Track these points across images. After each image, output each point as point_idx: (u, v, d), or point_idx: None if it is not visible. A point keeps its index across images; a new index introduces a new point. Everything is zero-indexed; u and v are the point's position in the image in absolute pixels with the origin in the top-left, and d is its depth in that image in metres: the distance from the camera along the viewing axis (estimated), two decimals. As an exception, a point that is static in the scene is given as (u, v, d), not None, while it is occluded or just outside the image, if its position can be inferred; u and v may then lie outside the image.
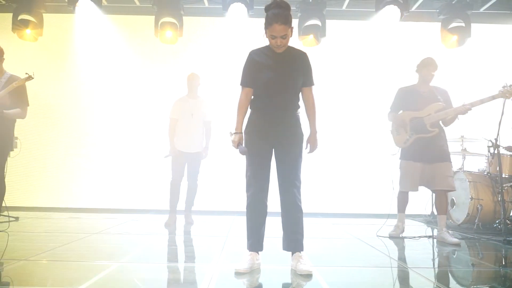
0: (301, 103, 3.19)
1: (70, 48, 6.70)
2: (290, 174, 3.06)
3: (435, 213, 5.81)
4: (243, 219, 3.15)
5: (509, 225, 4.81)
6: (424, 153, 4.35)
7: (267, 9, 3.00)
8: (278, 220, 3.13)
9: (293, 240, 3.07)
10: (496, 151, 4.65)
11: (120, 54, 6.72)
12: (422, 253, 3.98)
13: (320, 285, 2.73)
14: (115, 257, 3.49)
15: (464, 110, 4.19)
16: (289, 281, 2.84)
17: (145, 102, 6.71)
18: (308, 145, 3.17)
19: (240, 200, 6.34)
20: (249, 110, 3.17)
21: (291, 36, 3.03)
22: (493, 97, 4.16)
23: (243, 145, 3.06)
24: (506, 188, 4.97)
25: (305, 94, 3.17)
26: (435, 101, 4.35)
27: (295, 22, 6.20)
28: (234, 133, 3.08)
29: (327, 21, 6.16)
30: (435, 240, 4.49)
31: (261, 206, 3.09)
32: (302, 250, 3.06)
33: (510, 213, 5.09)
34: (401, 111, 4.56)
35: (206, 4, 6.59)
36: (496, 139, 4.61)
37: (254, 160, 3.07)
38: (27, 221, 5.37)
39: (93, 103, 6.77)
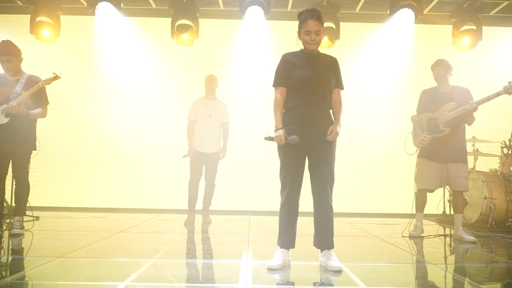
0: None
1: (89, 50, 6.81)
2: (325, 173, 3.13)
3: (446, 212, 5.99)
4: (260, 218, 3.23)
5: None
6: (438, 152, 4.45)
7: (299, 15, 3.16)
8: (305, 219, 3.20)
9: (324, 238, 3.16)
10: (509, 152, 4.78)
11: (138, 56, 6.84)
12: (442, 250, 4.11)
13: (352, 280, 2.83)
14: (147, 254, 3.59)
15: (471, 108, 4.27)
16: (320, 276, 2.95)
17: (163, 103, 6.81)
18: (331, 130, 3.14)
19: (255, 199, 6.55)
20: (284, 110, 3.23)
21: (322, 38, 3.15)
22: (498, 94, 4.25)
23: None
24: (519, 187, 5.09)
25: (335, 95, 3.25)
26: (450, 101, 4.44)
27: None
28: (277, 129, 3.12)
29: (341, 23, 6.26)
30: (452, 238, 4.60)
31: (294, 206, 3.18)
32: (333, 247, 3.15)
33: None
34: (423, 113, 4.64)
35: (222, 7, 6.69)
36: (510, 140, 4.74)
37: (289, 160, 3.14)
38: (48, 221, 5.47)
39: (113, 104, 6.87)
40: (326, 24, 6.21)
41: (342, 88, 3.29)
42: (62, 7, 6.34)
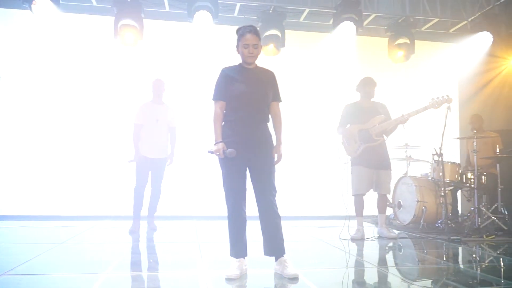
0: None
1: (25, 48, 6.38)
2: (266, 184, 3.23)
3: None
4: (205, 223, 3.26)
5: (450, 225, 5.39)
6: (370, 160, 4.89)
7: (237, 30, 3.29)
8: (254, 224, 3.27)
9: (276, 245, 3.24)
10: (440, 159, 5.22)
11: (81, 56, 6.53)
12: (385, 253, 4.39)
13: (309, 286, 2.95)
14: (98, 267, 3.46)
15: (403, 120, 4.77)
16: (278, 284, 3.02)
17: (107, 106, 6.56)
18: (275, 154, 3.33)
19: (199, 204, 6.51)
20: (223, 123, 3.29)
21: (259, 53, 3.28)
22: (425, 108, 4.79)
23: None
24: (447, 191, 5.56)
25: (273, 108, 3.37)
26: (377, 114, 4.93)
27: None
28: (216, 143, 3.20)
29: (287, 31, 6.42)
30: (394, 240, 4.93)
31: (242, 215, 3.25)
32: (285, 253, 3.24)
33: (449, 214, 5.68)
34: (348, 125, 5.06)
35: (167, 9, 6.57)
36: (440, 148, 5.17)
37: (231, 171, 3.22)
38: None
39: (52, 106, 6.50)
40: (272, 32, 6.42)
41: (280, 101, 3.41)
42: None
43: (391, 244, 4.76)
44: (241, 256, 3.23)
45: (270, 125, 3.37)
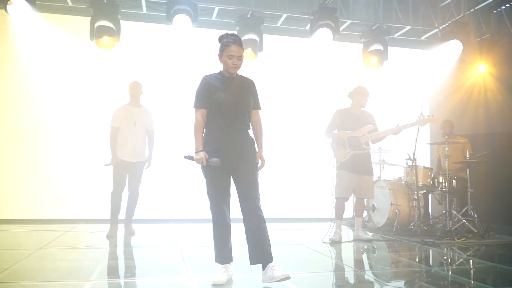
0: None
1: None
2: (251, 190, 3.25)
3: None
4: (183, 227, 3.26)
5: (423, 227, 5.59)
6: (356, 166, 5.06)
7: (221, 38, 3.29)
8: (238, 227, 3.29)
9: (263, 252, 3.18)
10: (414, 163, 5.41)
11: (56, 57, 6.40)
12: (365, 256, 4.53)
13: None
14: (82, 275, 3.42)
15: (398, 130, 5.01)
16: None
17: (82, 109, 6.44)
18: (259, 160, 3.37)
19: (180, 208, 6.49)
20: (204, 131, 3.31)
21: (241, 64, 3.31)
22: (413, 124, 5.07)
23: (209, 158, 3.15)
24: (419, 195, 5.76)
25: (254, 116, 3.42)
26: (366, 123, 5.12)
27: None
28: (197, 151, 3.19)
29: (264, 36, 6.48)
30: (370, 243, 5.08)
31: (226, 222, 3.26)
32: (273, 260, 3.18)
33: (422, 217, 5.89)
34: (336, 130, 5.18)
35: (145, 11, 6.52)
36: (414, 153, 5.37)
37: (215, 179, 3.23)
38: None
39: (29, 108, 6.34)
40: (250, 36, 6.47)
41: (260, 109, 3.46)
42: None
43: (367, 247, 4.91)
44: (227, 262, 3.26)
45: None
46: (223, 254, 3.26)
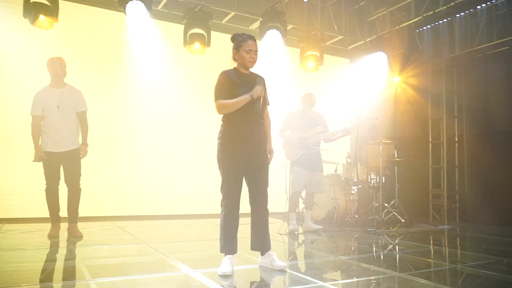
0: None
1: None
2: (264, 186, 3.43)
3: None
4: (126, 224, 3.20)
5: (358, 219, 6.17)
6: (308, 163, 5.49)
7: (234, 37, 3.46)
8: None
9: (264, 241, 3.43)
10: (355, 161, 5.97)
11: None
12: (326, 244, 4.86)
13: (300, 276, 3.20)
14: (67, 277, 3.14)
15: (347, 132, 5.49)
16: (272, 276, 3.20)
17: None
18: (269, 151, 3.52)
19: (118, 203, 6.12)
20: (223, 125, 3.39)
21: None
22: (358, 126, 5.55)
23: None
24: (355, 190, 6.35)
25: (265, 111, 3.56)
26: (316, 124, 5.56)
27: (180, 28, 6.41)
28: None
29: (212, 32, 6.50)
30: (320, 233, 5.46)
31: (236, 214, 3.37)
32: (271, 248, 3.45)
33: (358, 210, 6.50)
34: (288, 131, 5.57)
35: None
36: (355, 152, 5.93)
37: (230, 173, 3.33)
38: None
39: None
40: (197, 31, 6.44)
41: (269, 104, 3.63)
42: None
43: (322, 236, 5.28)
44: (234, 253, 3.34)
45: None
46: (230, 245, 3.34)
